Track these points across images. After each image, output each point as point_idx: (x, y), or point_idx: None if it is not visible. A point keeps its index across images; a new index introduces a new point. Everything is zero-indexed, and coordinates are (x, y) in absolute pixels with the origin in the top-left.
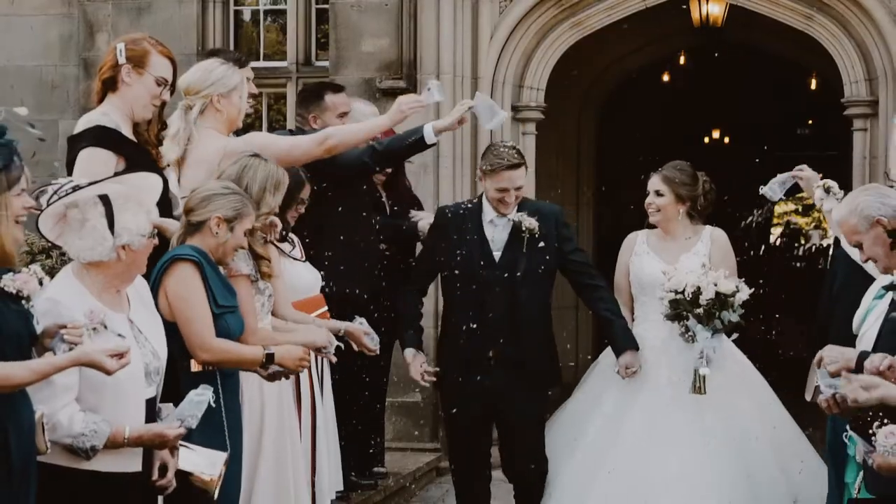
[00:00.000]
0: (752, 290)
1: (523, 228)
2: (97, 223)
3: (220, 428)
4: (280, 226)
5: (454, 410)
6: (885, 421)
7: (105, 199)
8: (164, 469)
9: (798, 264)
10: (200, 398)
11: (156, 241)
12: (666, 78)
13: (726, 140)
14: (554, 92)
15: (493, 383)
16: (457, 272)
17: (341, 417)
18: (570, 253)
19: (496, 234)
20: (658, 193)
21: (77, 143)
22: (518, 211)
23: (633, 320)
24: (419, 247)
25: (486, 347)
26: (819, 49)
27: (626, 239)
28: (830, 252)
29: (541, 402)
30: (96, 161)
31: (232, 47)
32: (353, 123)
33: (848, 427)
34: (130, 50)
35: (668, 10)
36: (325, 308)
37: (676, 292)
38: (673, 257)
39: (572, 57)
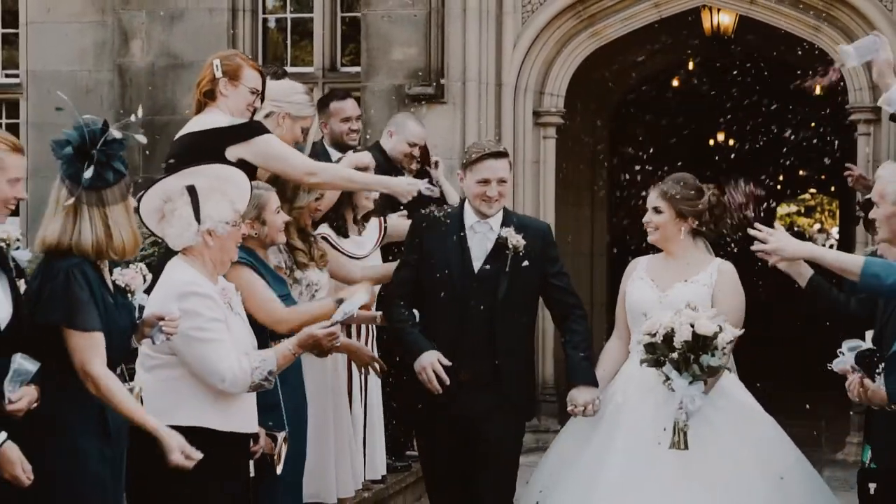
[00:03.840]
0: (741, 331)
1: (509, 245)
2: (184, 211)
3: (279, 407)
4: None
5: (424, 440)
6: None
7: (192, 190)
8: (255, 435)
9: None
10: (351, 305)
11: (243, 229)
12: (676, 83)
13: (731, 142)
14: (570, 97)
15: (462, 410)
16: (432, 281)
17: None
18: (553, 276)
19: (476, 242)
20: (656, 210)
21: (226, 136)
22: (503, 225)
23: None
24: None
25: (457, 368)
26: (823, 54)
27: (629, 265)
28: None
29: (516, 434)
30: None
31: (260, 54)
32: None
33: (854, 358)
34: (225, 65)
35: (680, 20)
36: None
37: (651, 335)
38: (669, 282)
39: (588, 64)
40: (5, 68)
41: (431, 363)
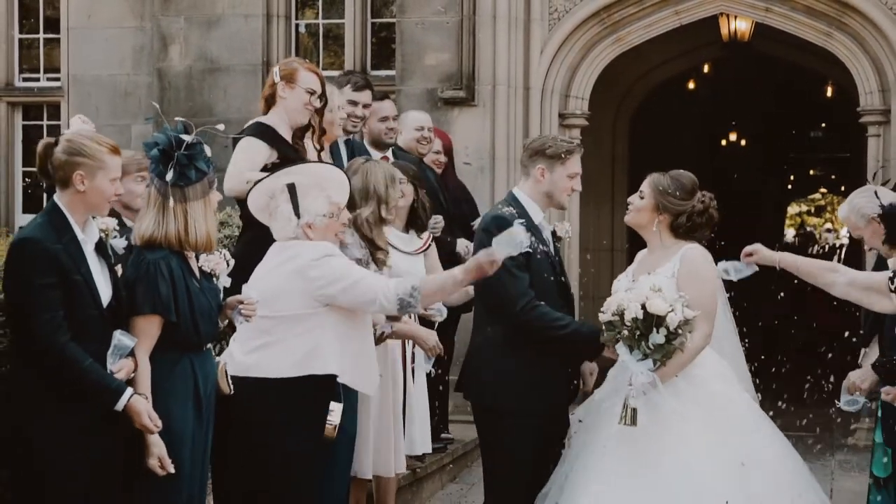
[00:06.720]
0: (696, 313)
1: (558, 236)
2: (284, 208)
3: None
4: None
5: (533, 449)
6: None
7: (291, 188)
8: None
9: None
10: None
11: (344, 221)
12: (691, 85)
13: (743, 142)
14: (592, 99)
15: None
16: (542, 282)
17: None
18: None
19: (546, 237)
20: (640, 195)
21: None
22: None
23: None
24: None
25: (570, 374)
26: (834, 59)
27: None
28: (843, 252)
29: None
30: (253, 149)
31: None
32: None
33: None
34: (283, 70)
35: (699, 26)
36: None
37: (612, 314)
38: (639, 275)
39: (610, 67)
40: (47, 72)
41: None
